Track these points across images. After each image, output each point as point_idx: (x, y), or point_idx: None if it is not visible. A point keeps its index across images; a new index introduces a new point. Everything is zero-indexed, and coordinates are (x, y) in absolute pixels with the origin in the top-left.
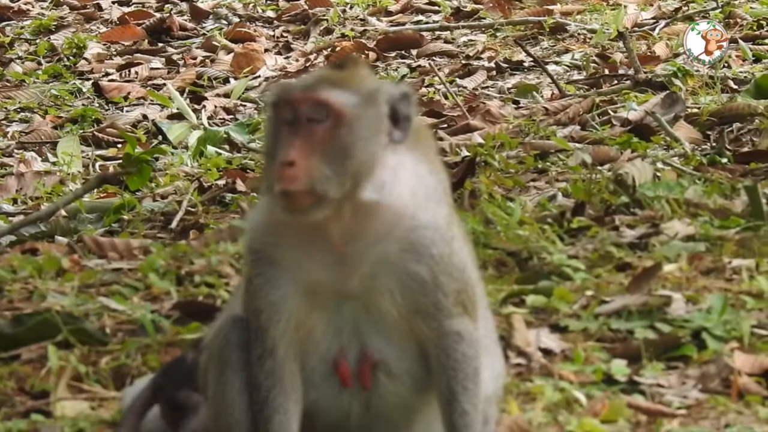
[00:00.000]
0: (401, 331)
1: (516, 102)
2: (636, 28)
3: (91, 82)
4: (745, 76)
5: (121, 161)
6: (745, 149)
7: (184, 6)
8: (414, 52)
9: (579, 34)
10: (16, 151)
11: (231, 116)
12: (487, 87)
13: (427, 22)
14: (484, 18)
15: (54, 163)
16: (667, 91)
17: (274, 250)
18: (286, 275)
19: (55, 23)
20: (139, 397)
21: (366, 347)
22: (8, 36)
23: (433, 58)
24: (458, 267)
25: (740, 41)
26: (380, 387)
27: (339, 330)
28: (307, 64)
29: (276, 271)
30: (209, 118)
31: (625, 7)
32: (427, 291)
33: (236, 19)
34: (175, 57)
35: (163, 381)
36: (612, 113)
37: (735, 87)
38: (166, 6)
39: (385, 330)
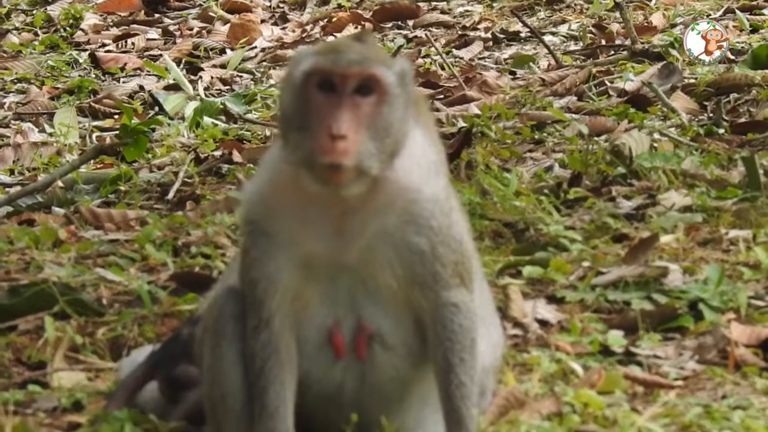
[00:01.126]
0: (397, 303)
1: (512, 73)
2: None
3: (87, 53)
4: (742, 47)
5: (117, 132)
6: (742, 120)
7: None
8: (410, 22)
9: (575, 4)
10: (12, 122)
11: (227, 87)
12: (484, 58)
13: None
14: None
15: (51, 134)
16: (664, 62)
17: (270, 222)
18: (282, 247)
19: None
20: (132, 373)
21: (362, 318)
22: (5, 7)
23: (430, 28)
24: (456, 238)
25: (737, 11)
26: (375, 358)
27: (334, 301)
28: (304, 35)
29: (272, 243)
30: (206, 89)
31: None
32: (425, 262)
33: None
34: (171, 28)
35: (160, 357)
36: (609, 84)
37: (732, 57)
38: None
39: (381, 301)
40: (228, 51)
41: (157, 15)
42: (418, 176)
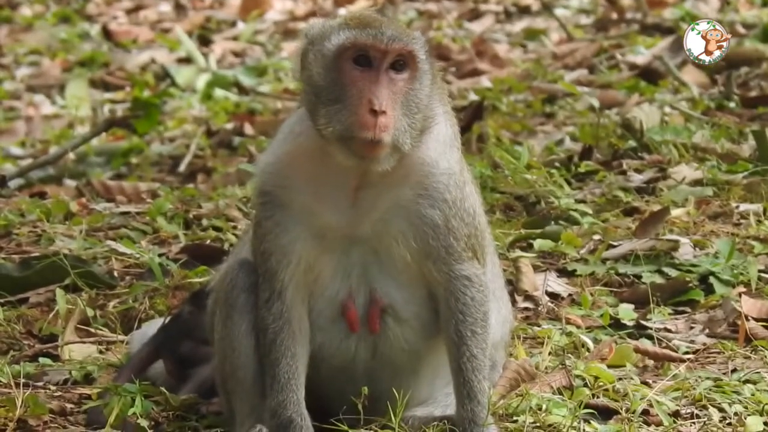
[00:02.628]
0: (410, 276)
1: (524, 46)
2: None
3: (99, 25)
4: (754, 21)
5: (129, 105)
6: (753, 94)
7: None
8: None
9: None
10: (24, 94)
11: (239, 59)
12: (495, 31)
13: None
14: None
15: (62, 107)
16: (675, 35)
17: (284, 193)
18: (296, 218)
19: None
20: (138, 353)
21: (375, 291)
22: None
23: (441, 1)
24: (469, 212)
25: None
26: (388, 331)
27: (347, 274)
28: (315, 8)
29: (286, 215)
30: (217, 61)
31: None
32: (439, 235)
33: None
34: (183, 0)
35: (164, 337)
36: (620, 57)
37: (743, 31)
38: None
39: (394, 274)
40: (239, 23)
41: None
42: (434, 150)
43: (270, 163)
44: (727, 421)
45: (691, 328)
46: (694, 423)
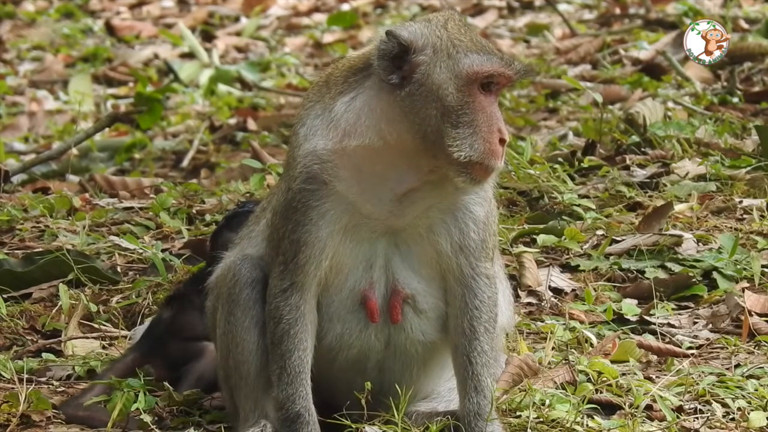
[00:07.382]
0: (431, 269)
1: (527, 41)
2: None
3: (102, 20)
4: (756, 16)
5: (132, 100)
6: (756, 89)
7: None
8: None
9: None
10: (27, 89)
11: (242, 55)
12: (499, 26)
13: None
14: None
15: (65, 102)
16: (678, 30)
17: (338, 183)
18: (340, 210)
19: None
20: (122, 358)
21: (397, 282)
22: None
23: None
24: (495, 210)
25: None
26: (406, 322)
27: (369, 265)
28: (318, 3)
29: (333, 206)
30: (220, 56)
31: None
32: (479, 230)
33: None
34: None
35: (147, 345)
36: (623, 52)
37: (746, 26)
38: None
39: (416, 267)
40: (242, 19)
41: None
42: None
43: (330, 150)
44: (731, 417)
45: (695, 323)
46: (697, 418)
